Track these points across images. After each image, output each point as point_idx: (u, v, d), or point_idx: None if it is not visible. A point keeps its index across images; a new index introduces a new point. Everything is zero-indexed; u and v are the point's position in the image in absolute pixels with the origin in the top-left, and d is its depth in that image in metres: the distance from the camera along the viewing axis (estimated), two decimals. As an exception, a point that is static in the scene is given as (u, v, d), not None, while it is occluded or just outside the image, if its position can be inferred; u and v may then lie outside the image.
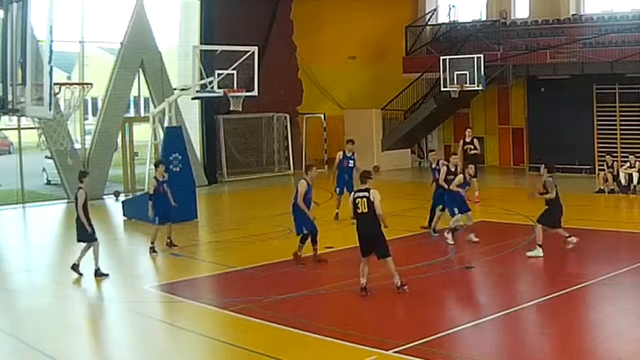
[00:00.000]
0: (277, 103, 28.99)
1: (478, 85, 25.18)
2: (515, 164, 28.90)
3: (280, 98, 29.10)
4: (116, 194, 24.29)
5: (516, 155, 29.01)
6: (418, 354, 9.13)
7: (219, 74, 19.70)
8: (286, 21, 30.34)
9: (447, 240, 15.17)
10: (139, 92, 26.54)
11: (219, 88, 19.69)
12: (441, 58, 26.18)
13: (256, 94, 20.83)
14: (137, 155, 26.01)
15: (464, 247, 15.10)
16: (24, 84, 8.46)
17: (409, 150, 30.79)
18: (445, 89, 26.01)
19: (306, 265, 13.96)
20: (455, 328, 10.29)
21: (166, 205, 15.55)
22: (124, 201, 21.27)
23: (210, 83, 19.61)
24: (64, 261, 15.78)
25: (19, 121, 21.70)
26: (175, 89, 21.60)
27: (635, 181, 21.85)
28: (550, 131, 26.26)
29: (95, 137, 24.28)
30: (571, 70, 25.23)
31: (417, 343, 9.49)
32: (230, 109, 20.92)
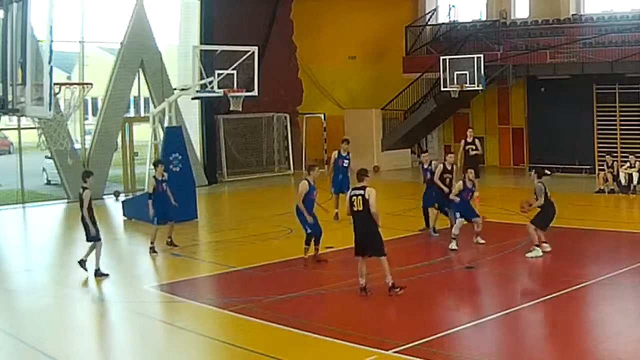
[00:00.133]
0: (277, 103, 28.99)
1: (478, 85, 25.18)
2: (515, 164, 28.90)
3: (280, 98, 29.11)
4: (116, 194, 24.28)
5: (516, 155, 29.02)
6: (418, 354, 9.13)
7: (219, 74, 19.70)
8: (286, 21, 30.34)
9: (450, 247, 14.88)
10: (139, 92, 26.54)
11: (219, 88, 19.69)
12: (441, 58, 26.18)
13: (256, 94, 20.83)
14: (137, 155, 26.01)
15: (464, 247, 15.08)
16: (24, 84, 8.47)
17: (409, 150, 30.79)
18: (445, 89, 26.01)
19: (306, 266, 13.97)
20: (455, 328, 10.28)
21: (166, 205, 15.52)
22: (124, 201, 21.28)
23: (210, 83, 19.60)
24: (64, 261, 15.81)
25: (19, 121, 21.68)
26: (175, 89, 21.60)
27: (635, 181, 21.84)
28: (550, 131, 26.27)
29: (95, 137, 24.28)
30: (571, 70, 25.23)
31: (417, 343, 9.48)
32: (230, 109, 20.92)
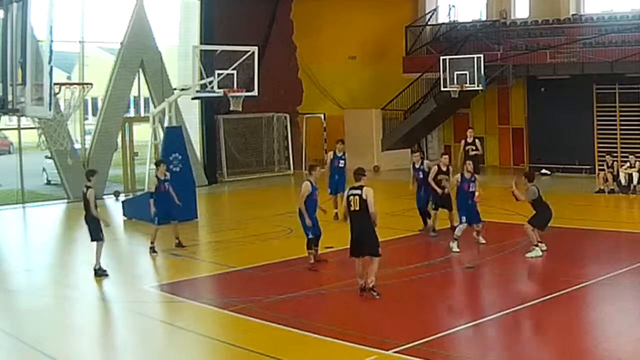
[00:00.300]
0: (277, 103, 28.99)
1: (478, 85, 25.16)
2: (515, 164, 28.88)
3: (280, 98, 29.11)
4: (116, 194, 24.29)
5: (516, 155, 29.02)
6: (418, 354, 9.13)
7: (219, 74, 19.70)
8: (286, 21, 30.35)
9: (452, 249, 14.86)
10: (139, 92, 26.54)
11: (219, 88, 19.68)
12: (441, 58, 26.17)
13: (256, 94, 20.83)
14: (137, 155, 26.02)
15: (464, 248, 15.07)
16: (24, 84, 8.46)
17: (409, 150, 30.75)
18: (445, 89, 25.99)
19: (311, 268, 13.93)
20: (455, 328, 10.29)
21: (168, 204, 15.50)
22: (124, 201, 21.28)
23: (210, 83, 19.60)
24: (64, 261, 15.81)
25: (19, 121, 21.68)
26: (175, 89, 21.60)
27: (635, 181, 21.84)
28: (550, 131, 26.27)
29: (95, 137, 24.28)
30: (571, 70, 25.23)
31: (417, 343, 9.48)
32: (230, 109, 20.92)
